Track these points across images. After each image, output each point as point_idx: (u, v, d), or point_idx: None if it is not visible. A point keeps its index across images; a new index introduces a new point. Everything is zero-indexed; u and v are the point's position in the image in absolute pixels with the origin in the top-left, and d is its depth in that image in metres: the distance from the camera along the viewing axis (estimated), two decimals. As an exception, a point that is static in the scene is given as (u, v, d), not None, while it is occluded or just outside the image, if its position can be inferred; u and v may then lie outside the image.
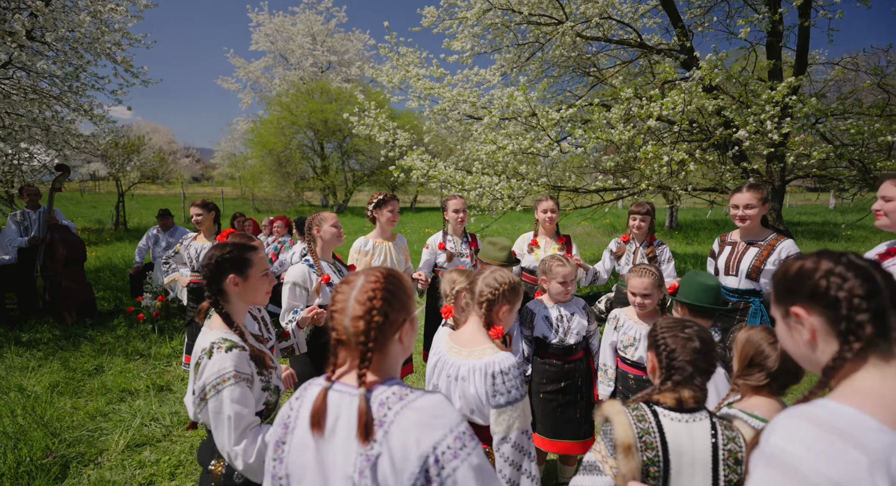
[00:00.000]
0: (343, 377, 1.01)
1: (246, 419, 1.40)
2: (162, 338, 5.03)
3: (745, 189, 2.35)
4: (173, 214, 7.05)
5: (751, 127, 3.38)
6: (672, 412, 1.23)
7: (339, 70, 30.13)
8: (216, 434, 1.41)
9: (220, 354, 1.43)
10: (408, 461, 0.87)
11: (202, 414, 1.44)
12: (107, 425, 3.38)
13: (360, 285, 1.01)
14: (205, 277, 1.56)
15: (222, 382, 1.40)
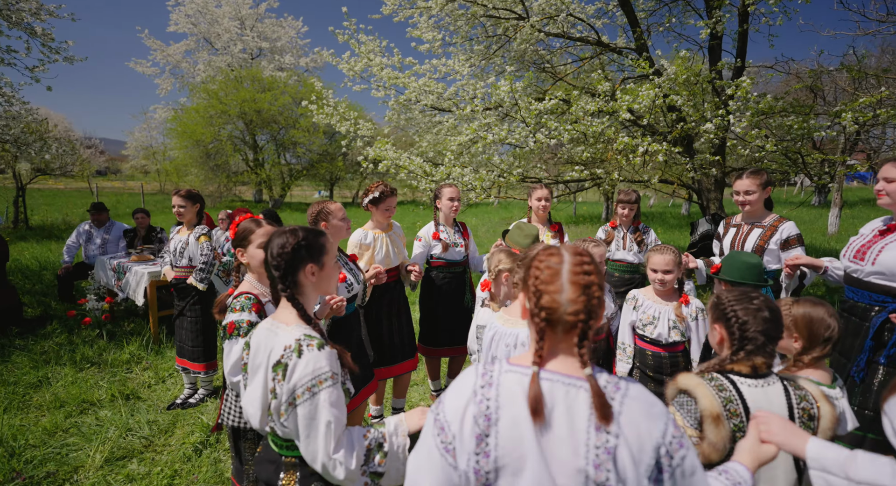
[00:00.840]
0: (547, 364, 0.95)
1: (342, 424, 1.28)
2: (113, 343, 4.54)
3: (746, 176, 2.57)
4: (108, 209, 6.36)
5: (717, 121, 3.75)
6: (748, 378, 1.33)
7: (272, 58, 28.56)
8: (307, 442, 1.25)
9: (312, 352, 1.27)
10: (644, 452, 0.87)
11: (288, 421, 1.27)
12: (74, 440, 3.01)
13: (571, 261, 0.95)
14: (278, 267, 1.38)
15: (318, 384, 1.24)
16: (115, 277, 4.91)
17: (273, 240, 1.40)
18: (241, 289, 1.88)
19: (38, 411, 3.40)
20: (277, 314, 1.43)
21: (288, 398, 1.26)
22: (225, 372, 1.82)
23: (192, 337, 3.48)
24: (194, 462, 2.82)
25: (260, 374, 1.36)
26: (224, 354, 1.81)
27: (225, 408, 1.94)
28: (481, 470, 0.91)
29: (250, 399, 1.38)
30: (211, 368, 3.56)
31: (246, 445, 1.89)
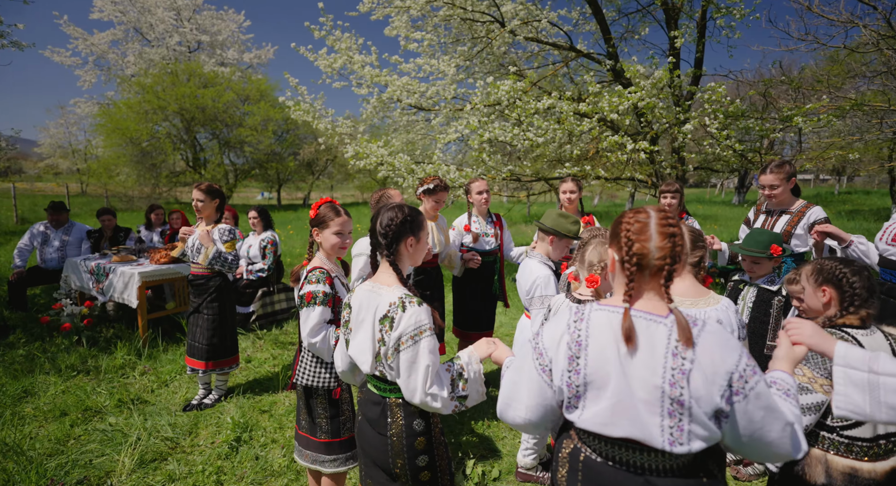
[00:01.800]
0: (634, 304, 1.14)
1: (437, 367, 1.49)
2: (95, 349, 4.23)
3: (769, 171, 2.83)
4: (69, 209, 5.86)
5: (695, 122, 4.20)
6: (859, 330, 1.58)
7: (213, 52, 27.07)
8: (408, 381, 1.46)
9: (413, 307, 1.48)
10: (717, 375, 1.02)
11: (394, 363, 1.48)
12: (93, 446, 2.83)
13: (656, 216, 1.15)
14: (385, 236, 1.57)
15: (419, 333, 1.46)
16: (92, 279, 4.57)
17: (384, 213, 1.60)
18: (313, 264, 2.07)
19: (35, 421, 3.14)
20: (377, 277, 1.63)
21: (394, 345, 1.47)
22: (303, 335, 1.98)
23: (207, 335, 3.37)
24: (234, 459, 2.77)
25: (366, 327, 1.56)
26: (302, 319, 1.99)
27: (300, 369, 2.09)
28: (572, 384, 1.14)
29: (361, 349, 1.58)
30: (219, 365, 3.44)
31: (318, 400, 2.09)
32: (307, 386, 2.07)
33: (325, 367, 2.06)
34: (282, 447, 2.89)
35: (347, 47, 6.92)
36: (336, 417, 2.09)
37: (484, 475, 2.66)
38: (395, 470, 1.55)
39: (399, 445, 1.54)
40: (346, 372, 1.80)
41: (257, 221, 5.21)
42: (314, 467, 2.11)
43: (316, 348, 1.96)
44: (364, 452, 1.66)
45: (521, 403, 1.24)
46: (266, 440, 2.96)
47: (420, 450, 1.55)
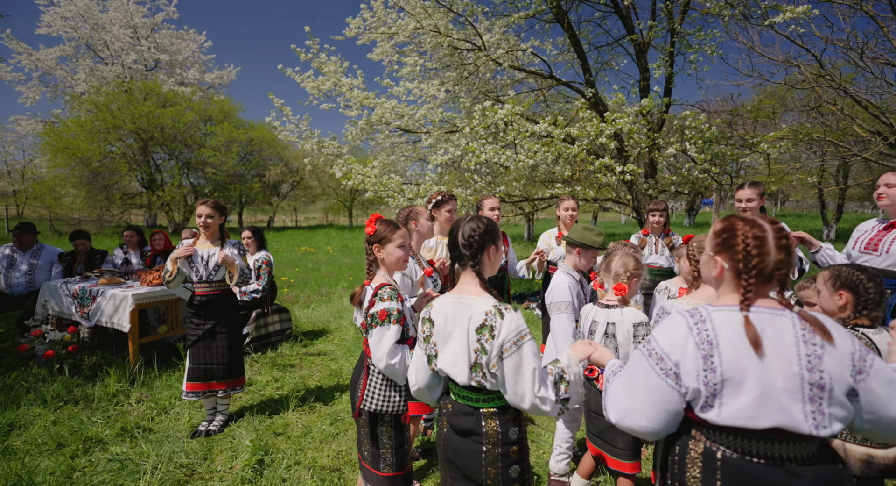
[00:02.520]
0: (757, 303, 1.22)
1: (542, 370, 1.51)
2: (80, 378, 3.96)
3: (747, 186, 3.15)
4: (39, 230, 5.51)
5: (676, 146, 4.60)
6: (869, 329, 1.81)
7: (172, 71, 26.34)
8: (515, 387, 1.47)
9: (510, 314, 1.50)
10: (844, 357, 1.12)
11: (498, 371, 1.49)
12: (105, 477, 2.66)
13: (772, 230, 1.25)
14: (469, 247, 1.62)
15: (521, 338, 1.48)
16: (75, 303, 4.31)
17: (464, 225, 1.66)
18: (377, 282, 2.00)
19: (28, 455, 2.90)
20: (461, 289, 1.65)
21: (497, 353, 1.48)
22: (376, 357, 1.87)
23: (227, 354, 3.27)
24: (259, 483, 2.68)
25: (456, 339, 1.57)
26: (374, 340, 1.87)
27: (368, 394, 1.97)
28: (710, 382, 1.17)
29: (453, 360, 1.58)
30: (233, 386, 3.34)
31: (384, 428, 1.97)
32: (372, 413, 1.97)
33: (396, 390, 1.98)
34: (307, 468, 2.82)
35: (334, 71, 7.04)
36: (401, 446, 2.00)
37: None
38: (488, 481, 1.55)
39: (493, 454, 1.54)
40: (424, 389, 1.77)
41: (251, 241, 5.11)
42: None
43: (394, 370, 1.88)
44: (451, 464, 1.65)
45: (641, 412, 1.26)
46: (289, 462, 2.88)
47: (514, 459, 1.56)
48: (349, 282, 9.26)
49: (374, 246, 2.05)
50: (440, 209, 3.28)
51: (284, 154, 24.86)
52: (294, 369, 4.55)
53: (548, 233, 3.92)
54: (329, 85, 6.91)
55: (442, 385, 1.80)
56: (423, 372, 1.74)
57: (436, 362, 1.65)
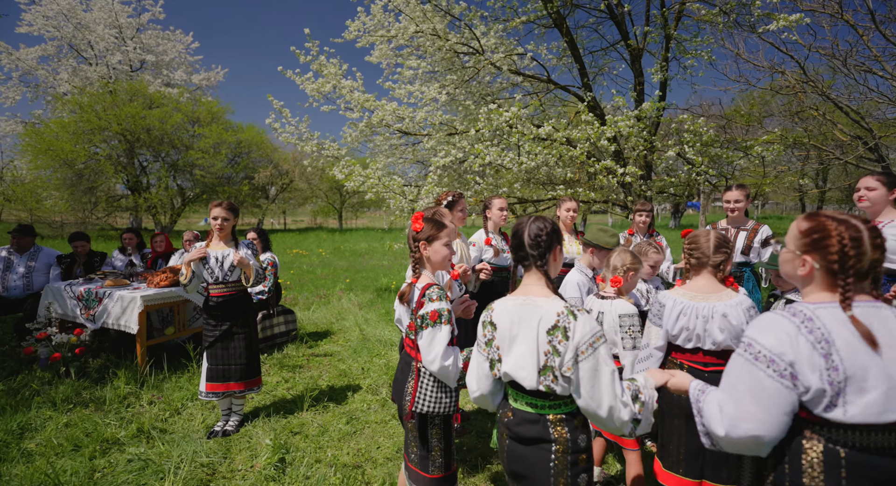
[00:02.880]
0: (857, 298, 1.22)
1: (617, 373, 1.47)
2: (86, 381, 3.92)
3: (734, 188, 3.30)
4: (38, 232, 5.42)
5: (675, 150, 4.74)
6: None
7: (158, 72, 25.96)
8: (591, 391, 1.42)
9: (584, 315, 1.47)
10: None
11: (573, 374, 1.44)
12: (128, 477, 2.66)
13: (867, 230, 1.25)
14: (536, 247, 1.59)
15: (597, 340, 1.44)
16: (80, 306, 4.26)
17: (529, 226, 1.61)
18: (423, 281, 1.97)
19: (43, 457, 2.88)
20: (525, 290, 1.61)
21: (572, 355, 1.43)
22: (427, 358, 1.85)
23: (245, 355, 3.28)
24: (283, 481, 2.70)
25: (523, 341, 1.52)
26: (425, 341, 1.84)
27: (419, 396, 1.92)
28: (834, 381, 1.14)
29: (520, 364, 1.52)
30: (250, 386, 3.35)
31: (434, 430, 1.95)
32: (423, 415, 1.95)
33: (446, 392, 1.94)
34: (329, 466, 2.85)
35: (334, 73, 7.07)
36: (449, 448, 1.98)
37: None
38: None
39: (563, 462, 1.48)
40: (486, 395, 1.69)
41: (257, 242, 5.10)
42: None
43: (447, 372, 1.84)
44: (514, 474, 1.58)
45: (755, 419, 1.21)
46: (309, 460, 2.91)
47: (582, 468, 1.51)
48: (346, 284, 9.26)
49: (421, 243, 2.01)
50: (453, 210, 3.31)
51: (274, 156, 24.68)
52: (302, 369, 4.56)
53: None
54: (330, 87, 6.94)
55: (502, 391, 1.71)
56: (485, 378, 1.67)
57: (499, 366, 1.59)
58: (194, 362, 4.25)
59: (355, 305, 7.31)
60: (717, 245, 2.06)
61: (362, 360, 4.75)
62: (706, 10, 6.31)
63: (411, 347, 1.98)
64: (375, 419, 3.48)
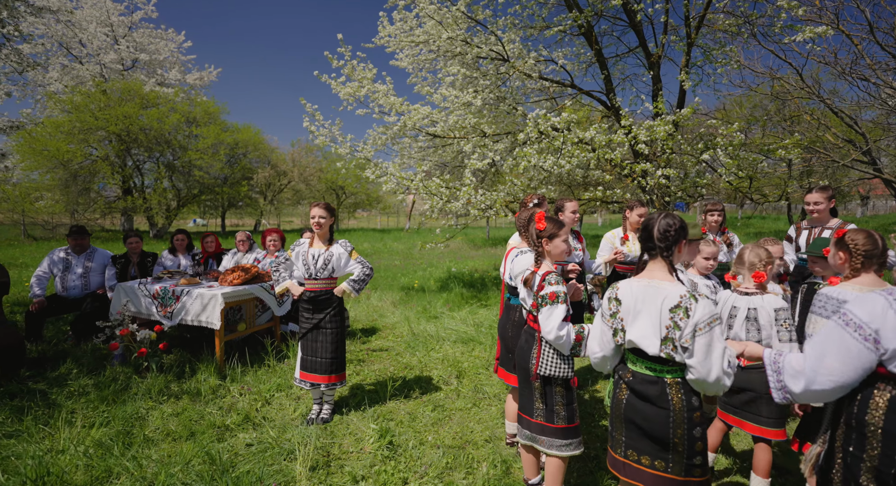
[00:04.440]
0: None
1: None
2: (169, 375, 4.08)
3: (815, 191, 3.52)
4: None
5: (710, 152, 5.10)
6: None
7: (153, 72, 25.61)
8: (704, 361, 1.72)
9: (703, 300, 1.77)
10: None
11: (691, 345, 1.73)
12: (259, 457, 2.86)
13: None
14: (664, 240, 1.87)
15: (713, 321, 1.73)
16: (156, 304, 4.40)
17: (660, 221, 1.90)
18: (544, 269, 2.34)
19: (163, 443, 3.05)
20: (650, 274, 1.92)
21: (691, 331, 1.73)
22: (545, 330, 2.23)
23: (331, 349, 3.48)
24: (398, 460, 2.93)
25: (647, 316, 1.84)
26: (544, 316, 2.23)
27: (542, 361, 2.32)
28: None
29: (644, 334, 1.84)
30: (340, 380, 3.55)
31: (555, 389, 2.34)
32: (545, 376, 2.31)
33: (563, 359, 2.31)
34: (435, 447, 3.09)
35: (369, 78, 7.27)
36: (571, 403, 2.33)
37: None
38: (675, 440, 1.80)
39: (680, 417, 1.79)
40: (607, 357, 2.02)
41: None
42: (551, 452, 2.31)
43: (562, 342, 2.21)
44: (634, 425, 1.89)
45: (835, 372, 1.48)
46: (415, 443, 3.14)
47: (696, 423, 1.82)
48: (374, 283, 9.44)
49: (544, 240, 2.38)
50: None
51: (272, 157, 24.59)
52: (365, 363, 4.77)
53: (612, 233, 4.27)
54: (365, 91, 7.14)
55: (620, 356, 2.05)
56: (608, 344, 2.00)
57: (621, 335, 1.91)
58: (271, 356, 4.44)
59: (388, 303, 7.52)
60: (882, 243, 2.25)
61: (420, 354, 4.99)
62: (723, 20, 6.70)
63: (534, 321, 2.37)
64: (459, 406, 3.73)
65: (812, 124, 10.77)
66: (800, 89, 10.13)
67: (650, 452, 1.86)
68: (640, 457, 1.88)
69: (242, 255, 5.64)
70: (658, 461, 1.84)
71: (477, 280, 9.45)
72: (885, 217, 28.30)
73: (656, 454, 1.85)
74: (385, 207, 29.81)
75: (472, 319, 6.30)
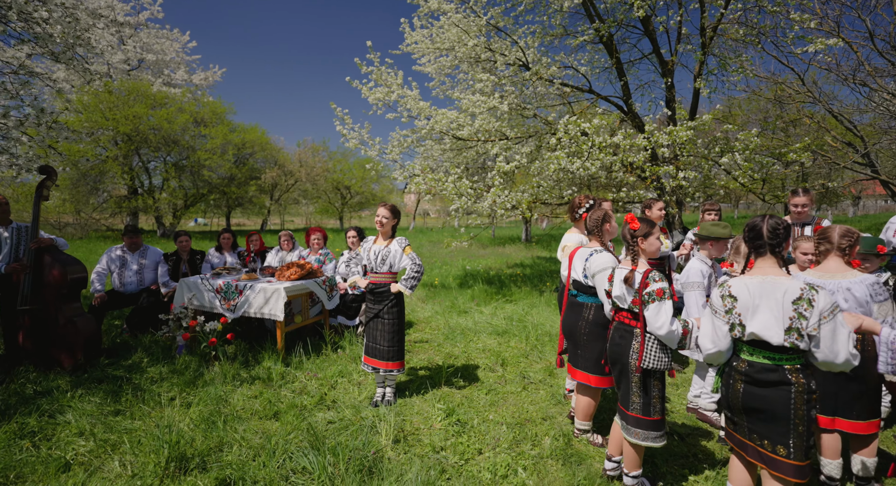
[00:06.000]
0: None
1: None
2: (237, 363, 4.39)
3: (801, 194, 3.95)
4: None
5: (728, 156, 5.47)
6: None
7: (159, 72, 25.75)
8: (832, 346, 1.91)
9: (822, 291, 1.95)
10: None
11: (818, 332, 1.92)
12: (347, 431, 3.19)
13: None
14: (773, 237, 2.09)
15: (835, 309, 1.92)
16: (219, 297, 4.71)
17: (767, 222, 2.12)
18: (642, 268, 2.49)
19: (252, 421, 3.37)
20: (763, 270, 2.11)
21: (816, 320, 1.91)
22: (655, 325, 2.37)
23: (388, 338, 3.79)
24: (468, 435, 3.27)
25: (767, 309, 2.00)
26: (652, 312, 2.38)
27: (646, 355, 2.45)
28: None
29: (767, 325, 1.99)
30: (398, 367, 3.86)
31: (653, 382, 2.48)
32: (646, 370, 2.44)
33: (665, 352, 2.44)
34: (499, 424, 3.42)
35: (392, 82, 7.60)
36: (663, 397, 2.48)
37: (671, 426, 3.41)
38: (796, 420, 1.96)
39: (801, 398, 1.95)
40: (722, 352, 2.16)
41: (356, 239, 5.62)
42: (644, 443, 2.46)
43: (673, 335, 2.34)
44: (755, 411, 2.05)
45: None
46: (479, 420, 3.48)
47: (812, 404, 1.97)
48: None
49: (639, 239, 2.57)
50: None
51: (279, 157, 24.84)
52: (411, 353, 5.10)
53: None
54: (395, 97, 7.46)
55: (732, 348, 2.19)
56: (723, 339, 2.14)
57: (739, 329, 2.07)
58: (328, 346, 4.76)
59: (415, 299, 7.86)
60: (842, 235, 2.67)
61: (461, 345, 5.32)
62: (736, 30, 7.09)
63: (630, 318, 2.55)
64: (510, 390, 4.07)
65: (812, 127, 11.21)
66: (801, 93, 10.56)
67: (771, 437, 2.03)
68: (763, 441, 2.06)
69: (286, 252, 5.96)
70: (779, 446, 2.00)
71: (494, 277, 9.81)
72: (876, 217, 28.99)
73: (777, 439, 2.01)
74: (388, 206, 30.09)
75: (501, 313, 6.65)
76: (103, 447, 2.90)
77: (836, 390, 2.60)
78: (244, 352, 4.70)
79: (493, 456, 2.98)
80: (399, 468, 2.76)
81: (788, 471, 1.99)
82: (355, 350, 4.81)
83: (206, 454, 2.84)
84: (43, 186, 4.33)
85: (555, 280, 9.21)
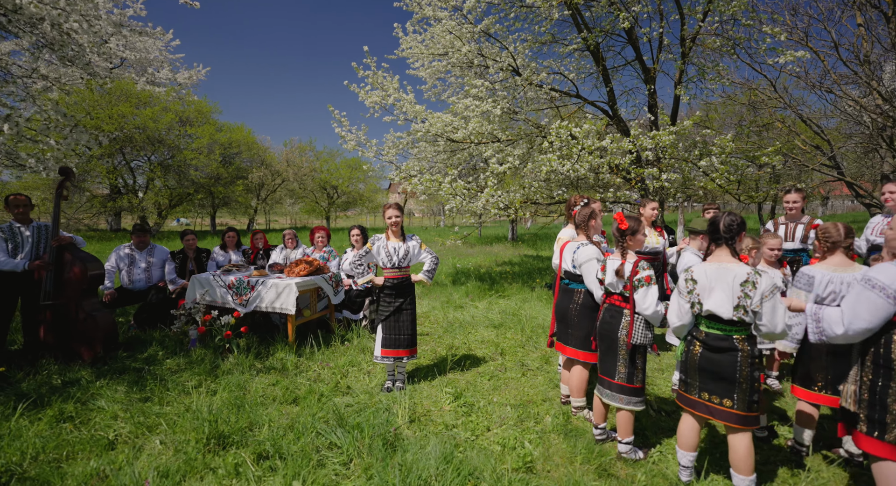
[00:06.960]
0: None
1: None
2: (251, 355, 4.61)
3: (793, 192, 4.32)
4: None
5: (706, 159, 5.88)
6: None
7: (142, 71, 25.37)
8: (771, 319, 2.32)
9: (765, 275, 2.34)
10: None
11: (760, 309, 2.32)
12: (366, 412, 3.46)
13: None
14: (728, 231, 2.47)
15: (774, 289, 2.32)
16: (231, 293, 4.92)
17: (725, 217, 2.51)
18: (631, 259, 2.89)
19: (270, 407, 3.62)
20: (718, 258, 2.51)
21: (758, 298, 2.33)
22: (642, 306, 2.79)
23: (410, 327, 4.09)
24: (475, 415, 3.57)
25: (720, 290, 2.41)
26: (640, 296, 2.80)
27: (635, 332, 2.85)
28: None
29: (719, 303, 2.42)
30: (414, 353, 4.16)
31: (638, 355, 2.89)
32: (635, 345, 2.84)
33: (650, 329, 2.85)
34: (503, 405, 3.74)
35: (389, 86, 7.86)
36: (644, 369, 2.90)
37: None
38: (741, 379, 2.37)
39: (746, 362, 2.38)
40: (685, 325, 2.60)
41: (359, 237, 5.88)
42: (628, 407, 2.87)
43: (658, 315, 2.76)
44: (707, 372, 2.47)
45: (863, 320, 2.08)
46: (484, 403, 3.79)
47: (757, 366, 2.40)
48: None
49: (628, 236, 2.95)
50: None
51: (266, 157, 24.77)
52: (413, 345, 5.37)
53: None
54: (391, 100, 7.72)
55: (693, 322, 2.62)
56: (686, 314, 2.59)
57: (698, 306, 2.50)
58: (337, 338, 5.01)
59: (411, 295, 8.13)
60: (846, 233, 2.96)
61: (461, 337, 5.63)
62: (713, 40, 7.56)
63: (621, 301, 2.94)
64: (510, 377, 4.39)
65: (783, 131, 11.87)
66: (773, 99, 11.18)
67: (719, 392, 2.44)
68: (711, 397, 2.47)
69: (291, 250, 6.18)
70: (726, 399, 2.43)
71: (485, 275, 10.15)
72: (843, 216, 30.34)
73: (724, 393, 2.43)
74: (375, 206, 30.36)
75: (496, 308, 6.98)
76: (141, 429, 3.12)
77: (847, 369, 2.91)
78: (255, 345, 4.92)
79: (500, 432, 3.30)
80: (418, 442, 3.05)
81: (732, 419, 2.42)
82: (363, 342, 5.07)
83: (240, 432, 3.08)
84: (62, 187, 4.49)
85: (543, 277, 9.59)
